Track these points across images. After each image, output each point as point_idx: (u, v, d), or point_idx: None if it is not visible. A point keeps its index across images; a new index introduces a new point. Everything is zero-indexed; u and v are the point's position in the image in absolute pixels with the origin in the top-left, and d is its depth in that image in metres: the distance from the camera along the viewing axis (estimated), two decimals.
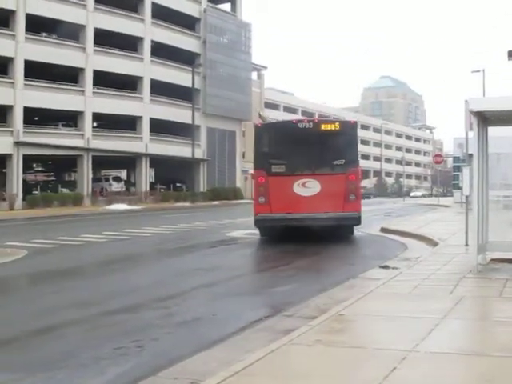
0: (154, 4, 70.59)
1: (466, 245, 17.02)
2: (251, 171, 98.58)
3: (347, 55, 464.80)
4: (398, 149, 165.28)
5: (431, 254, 16.97)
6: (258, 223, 23.49)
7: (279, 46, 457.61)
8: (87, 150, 62.77)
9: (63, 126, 65.51)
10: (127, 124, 68.07)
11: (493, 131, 13.80)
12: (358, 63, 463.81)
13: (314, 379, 6.31)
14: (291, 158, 23.30)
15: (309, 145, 23.31)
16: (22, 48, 56.83)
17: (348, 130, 24.65)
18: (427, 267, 13.79)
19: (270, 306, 10.89)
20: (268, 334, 8.64)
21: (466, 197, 17.55)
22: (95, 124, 66.99)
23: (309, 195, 22.85)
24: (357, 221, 23.43)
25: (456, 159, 49.79)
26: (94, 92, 63.55)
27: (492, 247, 13.85)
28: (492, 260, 13.97)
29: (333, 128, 24.10)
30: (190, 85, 67.88)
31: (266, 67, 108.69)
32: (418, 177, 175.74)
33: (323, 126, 24.10)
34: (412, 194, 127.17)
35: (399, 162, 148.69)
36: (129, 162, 71.83)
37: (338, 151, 23.39)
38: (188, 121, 67.94)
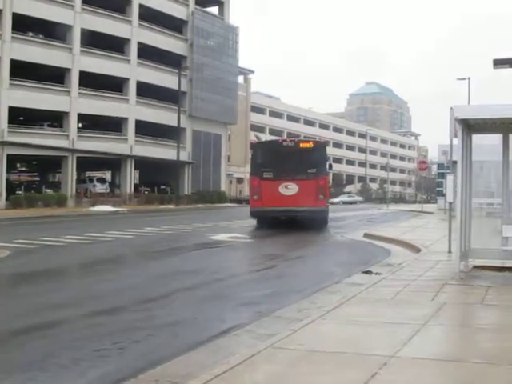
0: (141, 6, 70.45)
1: (449, 252, 17.07)
2: (236, 175, 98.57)
3: (334, 61, 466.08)
4: (383, 155, 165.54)
5: (414, 260, 17.00)
6: (253, 214, 33.26)
7: (266, 50, 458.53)
8: (72, 150, 62.50)
9: (48, 126, 65.23)
10: (113, 125, 67.87)
11: (477, 139, 13.88)
12: (344, 69, 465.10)
13: (295, 383, 6.32)
14: (277, 167, 32.39)
15: (290, 158, 32.26)
16: (8, 47, 56.50)
17: (319, 147, 34.42)
18: (410, 273, 13.82)
19: (252, 309, 10.88)
20: (250, 338, 8.64)
21: (450, 204, 17.62)
22: (80, 125, 66.62)
23: (290, 194, 31.92)
24: (324, 213, 32.74)
25: (440, 166, 49.95)
26: (79, 93, 63.26)
27: (474, 254, 13.91)
28: (474, 267, 14.03)
29: (308, 146, 33.92)
30: (176, 87, 67.75)
31: (252, 71, 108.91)
32: (402, 183, 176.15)
33: (301, 145, 34.26)
34: (339, 200, 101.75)
35: (384, 168, 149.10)
36: (113, 163, 71.61)
37: (311, 163, 32.35)
38: (174, 123, 67.80)
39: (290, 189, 32.11)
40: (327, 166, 34.12)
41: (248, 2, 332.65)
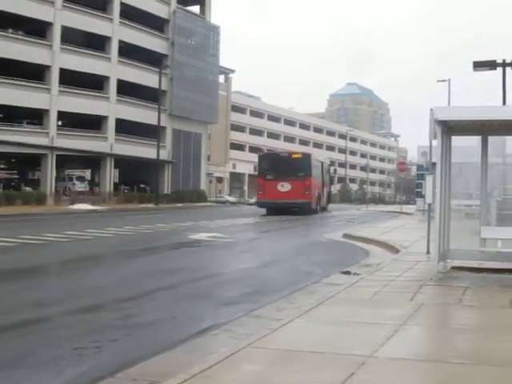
0: (122, 4, 70.30)
1: (428, 252, 17.13)
2: (216, 174, 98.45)
3: (315, 61, 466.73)
4: (363, 155, 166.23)
5: (393, 260, 17.06)
6: (259, 204, 50.60)
7: (247, 50, 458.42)
8: (51, 148, 62.25)
9: (28, 123, 64.87)
10: (93, 123, 67.66)
11: (456, 141, 13.94)
12: (325, 70, 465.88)
13: (272, 383, 6.32)
14: (276, 171, 47.94)
15: (285, 165, 48.50)
16: None
17: (306, 157, 50.75)
18: (388, 274, 13.87)
19: (231, 308, 10.87)
20: (228, 337, 8.64)
21: (429, 205, 17.68)
22: (60, 122, 66.33)
23: (285, 190, 47.11)
24: (309, 204, 48.17)
25: (420, 167, 50.05)
26: (59, 90, 63.06)
27: (453, 255, 13.97)
28: (453, 268, 14.09)
29: (298, 156, 50.79)
30: (156, 86, 67.62)
31: (233, 71, 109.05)
32: (381, 184, 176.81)
33: (293, 155, 51.45)
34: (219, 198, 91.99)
35: (363, 169, 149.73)
36: (93, 161, 71.40)
37: (300, 168, 47.93)
38: (154, 122, 67.65)
39: (284, 187, 47.30)
40: (312, 171, 49.08)
41: (230, 1, 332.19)
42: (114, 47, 69.84)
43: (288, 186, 46.99)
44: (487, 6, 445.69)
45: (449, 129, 13.41)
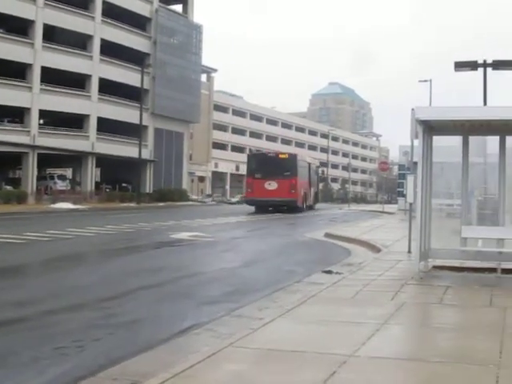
0: (104, 2, 69.88)
1: (409, 252, 17.21)
2: (198, 173, 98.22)
3: (297, 61, 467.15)
4: (345, 155, 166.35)
5: (374, 260, 17.12)
6: (248, 201, 52.56)
7: (230, 49, 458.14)
8: (33, 147, 61.89)
9: (9, 122, 64.39)
10: (74, 122, 67.29)
11: (438, 140, 14.02)
12: (307, 69, 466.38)
13: (254, 383, 6.34)
14: (264, 170, 50.41)
15: (273, 164, 50.91)
16: None
17: (292, 158, 53.33)
18: (370, 273, 13.92)
19: (213, 308, 10.87)
20: (210, 337, 8.65)
21: (410, 204, 17.74)
22: (42, 121, 65.95)
23: (272, 189, 49.47)
24: (295, 202, 50.63)
25: (401, 167, 50.14)
26: (41, 89, 62.66)
27: (434, 254, 14.04)
28: (434, 267, 14.16)
29: (284, 157, 53.31)
30: (138, 85, 67.40)
31: (215, 70, 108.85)
32: (363, 183, 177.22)
33: (280, 155, 54.26)
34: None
35: (345, 168, 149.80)
36: (75, 160, 70.99)
37: (286, 168, 50.32)
38: (136, 121, 67.42)
39: (271, 185, 49.71)
40: (297, 170, 51.41)
41: (212, 1, 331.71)
42: (96, 45, 69.49)
43: (275, 184, 49.57)
44: (471, 9, 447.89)
45: (430, 128, 13.49)
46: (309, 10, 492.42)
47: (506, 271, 13.50)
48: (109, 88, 69.11)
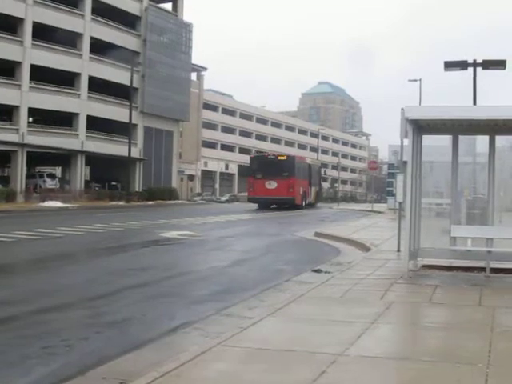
0: (94, 0, 69.75)
1: (398, 251, 17.23)
2: (187, 172, 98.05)
3: (286, 60, 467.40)
4: (335, 154, 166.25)
5: (363, 259, 17.12)
6: (250, 200, 57.05)
7: (220, 48, 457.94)
8: (22, 145, 61.66)
9: None
10: (64, 120, 67.05)
11: (427, 140, 14.04)
12: (297, 68, 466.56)
13: (243, 382, 6.32)
14: (264, 171, 55.00)
15: (272, 166, 55.41)
16: None
17: (290, 159, 58.07)
18: (359, 272, 13.93)
19: (202, 307, 10.85)
20: (199, 336, 8.63)
21: (400, 203, 17.78)
22: (31, 119, 65.74)
23: (272, 188, 54.22)
24: (293, 200, 54.88)
25: (391, 166, 50.30)
26: (30, 87, 62.40)
27: (423, 254, 14.07)
28: (423, 266, 14.20)
29: (283, 158, 58.02)
30: (128, 83, 67.22)
31: (205, 68, 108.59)
32: (353, 182, 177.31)
33: (279, 157, 58.73)
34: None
35: (335, 168, 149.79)
36: (64, 158, 70.75)
37: (285, 169, 55.09)
38: (125, 119, 67.25)
39: (271, 185, 54.51)
40: (295, 171, 55.96)
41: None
42: (86, 44, 69.27)
43: (274, 184, 54.60)
44: (464, 8, 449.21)
45: (420, 128, 13.50)
46: (300, 9, 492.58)
47: (494, 270, 13.54)
48: (98, 86, 68.92)
